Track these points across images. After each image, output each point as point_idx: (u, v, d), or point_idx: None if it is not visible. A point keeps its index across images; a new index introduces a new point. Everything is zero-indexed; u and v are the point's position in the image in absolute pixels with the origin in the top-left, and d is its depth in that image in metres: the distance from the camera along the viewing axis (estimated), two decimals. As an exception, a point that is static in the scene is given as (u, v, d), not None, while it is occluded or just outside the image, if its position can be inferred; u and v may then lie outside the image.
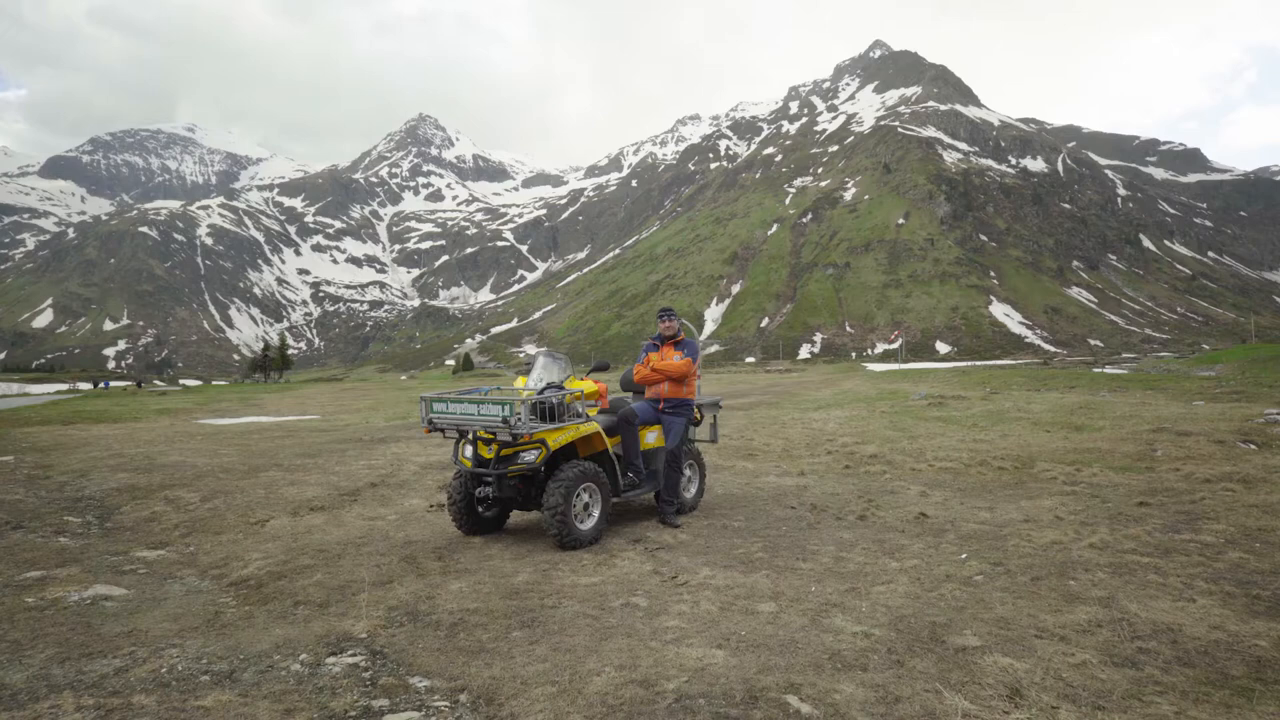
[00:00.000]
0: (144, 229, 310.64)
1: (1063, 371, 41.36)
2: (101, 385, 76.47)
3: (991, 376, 35.37)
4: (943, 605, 3.86)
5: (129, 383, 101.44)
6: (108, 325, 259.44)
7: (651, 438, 6.26)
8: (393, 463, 9.57)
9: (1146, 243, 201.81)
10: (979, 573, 4.42)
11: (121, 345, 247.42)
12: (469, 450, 5.54)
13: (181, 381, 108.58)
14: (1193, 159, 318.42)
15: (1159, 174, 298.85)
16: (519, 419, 5.03)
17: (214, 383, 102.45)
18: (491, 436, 5.32)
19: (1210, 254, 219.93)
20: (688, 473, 6.65)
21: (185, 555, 5.46)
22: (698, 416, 6.78)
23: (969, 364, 78.41)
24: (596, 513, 5.47)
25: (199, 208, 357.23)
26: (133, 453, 11.01)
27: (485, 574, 4.67)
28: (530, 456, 5.25)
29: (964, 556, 4.82)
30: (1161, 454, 9.60)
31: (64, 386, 74.02)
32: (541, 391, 5.51)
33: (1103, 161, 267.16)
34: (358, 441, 12.40)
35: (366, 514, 6.68)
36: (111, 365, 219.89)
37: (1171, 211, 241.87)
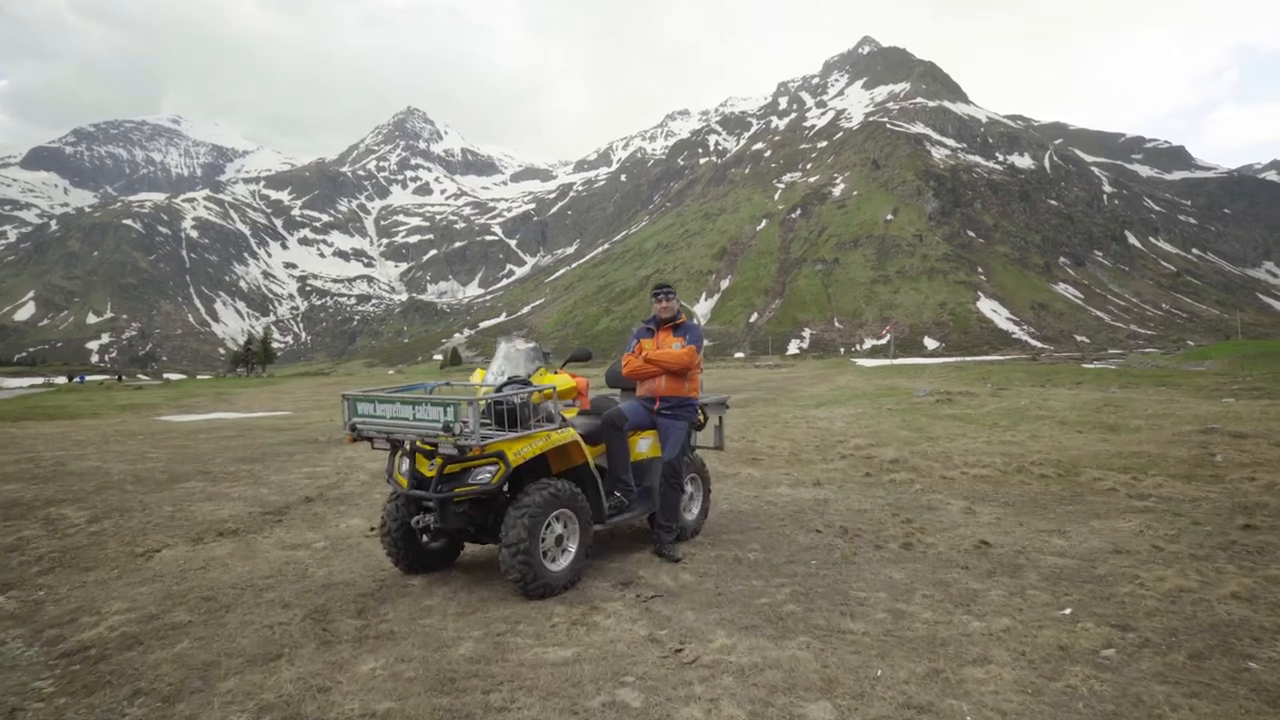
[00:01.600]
0: (128, 221, 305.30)
1: (1065, 367, 40.44)
2: (77, 379, 74.82)
3: (990, 372, 34.41)
4: (1085, 710, 2.60)
5: (106, 376, 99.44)
6: (91, 319, 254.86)
7: (644, 446, 4.98)
8: (341, 470, 8.24)
9: (1132, 239, 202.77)
10: (1106, 644, 3.17)
11: (105, 339, 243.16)
12: (406, 465, 4.23)
13: (165, 375, 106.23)
14: (1177, 156, 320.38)
15: (1144, 171, 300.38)
16: (466, 426, 3.73)
17: (198, 377, 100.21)
18: (432, 449, 4.01)
19: (1194, 251, 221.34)
20: (689, 489, 5.37)
21: (28, 604, 4.12)
22: (701, 419, 5.47)
23: (960, 359, 77.53)
24: (573, 547, 4.20)
25: (184, 200, 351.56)
26: (49, 456, 9.62)
27: (415, 642, 3.36)
28: (484, 475, 3.97)
29: (1068, 612, 3.58)
30: (1223, 460, 8.46)
31: (39, 380, 72.21)
32: (501, 388, 4.21)
33: (1089, 159, 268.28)
34: (312, 443, 11.05)
35: (288, 540, 5.35)
36: (95, 359, 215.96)
37: (1156, 209, 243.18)
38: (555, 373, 4.63)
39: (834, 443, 10.49)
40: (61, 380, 72.24)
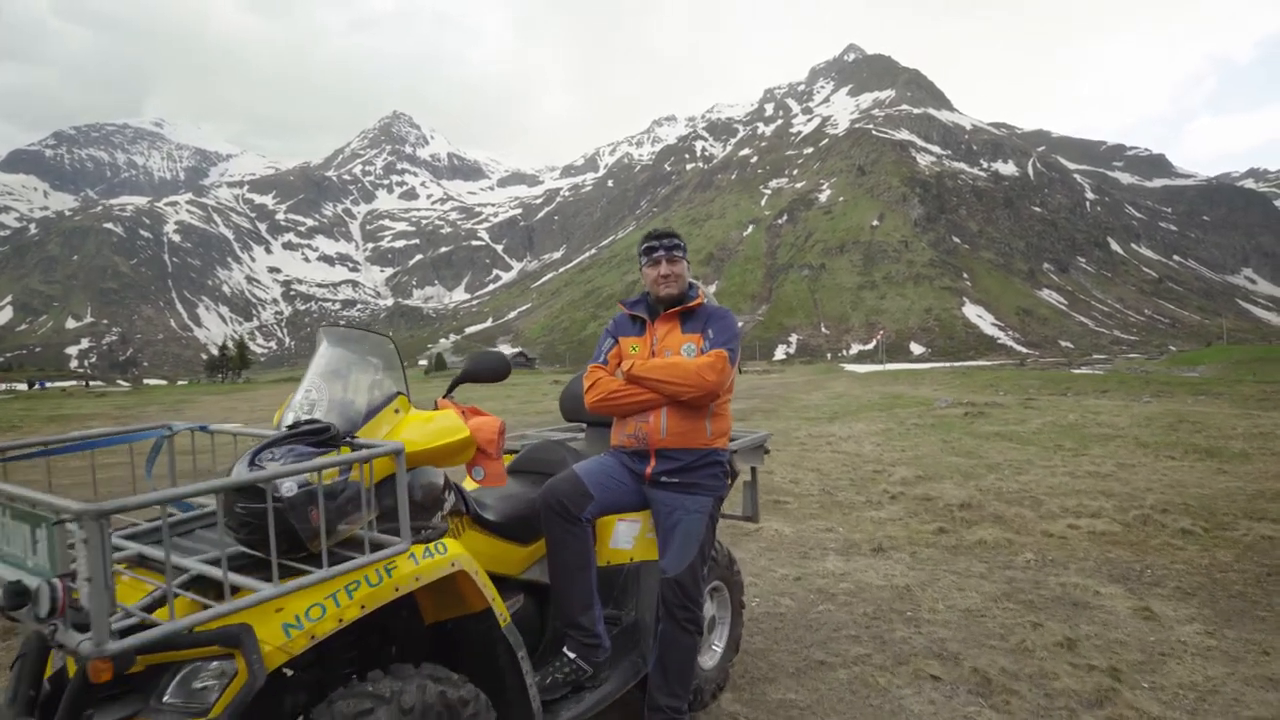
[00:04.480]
0: (109, 225, 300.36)
1: (1081, 374, 38.58)
2: (37, 385, 72.33)
3: (998, 379, 32.32)
4: None
5: (71, 382, 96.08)
6: (70, 323, 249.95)
7: (625, 540, 2.53)
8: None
9: (1114, 246, 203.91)
10: None
11: (85, 344, 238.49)
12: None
13: (145, 381, 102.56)
14: (1158, 164, 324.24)
15: (1125, 179, 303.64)
16: (70, 594, 1.24)
17: (178, 383, 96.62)
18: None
19: (1175, 257, 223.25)
20: (710, 612, 2.95)
21: None
22: (730, 479, 2.95)
23: (949, 365, 75.76)
24: None
25: (167, 204, 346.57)
26: None
27: None
28: (204, 684, 1.42)
29: None
30: None
31: (2, 387, 69.46)
32: (259, 453, 1.60)
33: (1071, 166, 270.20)
34: (188, 473, 8.56)
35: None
36: (74, 364, 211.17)
37: (1138, 215, 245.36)
38: (436, 408, 2.00)
39: (871, 473, 8.23)
40: (22, 387, 69.25)
